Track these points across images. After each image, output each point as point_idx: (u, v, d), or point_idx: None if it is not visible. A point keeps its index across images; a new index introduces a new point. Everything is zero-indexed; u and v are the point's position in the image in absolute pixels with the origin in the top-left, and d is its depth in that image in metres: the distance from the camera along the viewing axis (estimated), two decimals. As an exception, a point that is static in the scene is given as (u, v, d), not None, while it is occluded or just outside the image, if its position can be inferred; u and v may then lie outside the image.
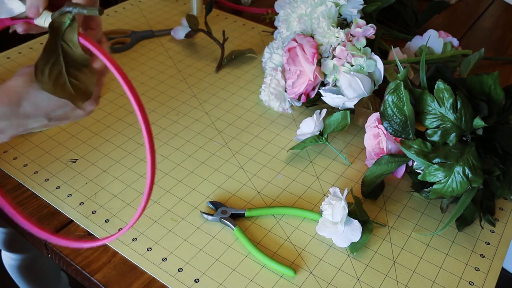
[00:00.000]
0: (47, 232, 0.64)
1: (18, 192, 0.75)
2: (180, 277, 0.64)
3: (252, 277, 0.64)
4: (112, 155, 0.82)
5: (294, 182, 0.78)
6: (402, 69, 0.72)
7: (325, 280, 0.64)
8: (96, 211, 0.72)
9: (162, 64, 1.05)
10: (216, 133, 0.87)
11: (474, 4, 1.39)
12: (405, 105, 0.69)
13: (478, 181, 0.64)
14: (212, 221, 0.71)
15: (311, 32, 0.90)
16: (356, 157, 0.84)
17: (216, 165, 0.81)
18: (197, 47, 1.12)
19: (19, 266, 1.17)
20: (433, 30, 0.98)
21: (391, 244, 0.69)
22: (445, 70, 0.75)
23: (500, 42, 1.21)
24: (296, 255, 0.67)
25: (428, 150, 0.68)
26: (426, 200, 0.76)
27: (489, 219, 0.71)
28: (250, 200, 0.75)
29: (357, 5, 0.91)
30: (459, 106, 0.67)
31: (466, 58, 0.94)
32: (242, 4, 1.30)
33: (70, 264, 0.66)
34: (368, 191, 0.75)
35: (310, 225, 0.71)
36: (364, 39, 0.84)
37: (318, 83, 0.88)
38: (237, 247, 0.68)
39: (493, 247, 0.70)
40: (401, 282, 0.65)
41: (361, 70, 0.83)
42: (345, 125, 0.82)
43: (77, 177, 0.77)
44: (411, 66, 0.91)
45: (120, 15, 1.23)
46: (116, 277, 0.64)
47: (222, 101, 0.95)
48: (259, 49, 1.10)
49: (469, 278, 0.65)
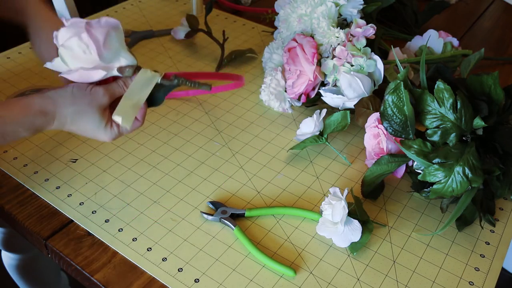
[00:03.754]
0: None
1: (18, 192, 0.75)
2: (180, 277, 0.64)
3: (252, 277, 0.64)
4: (112, 155, 0.82)
5: (294, 182, 0.78)
6: (402, 69, 0.72)
7: (325, 280, 0.64)
8: (96, 211, 0.72)
9: (162, 64, 1.05)
10: (216, 133, 0.87)
11: (474, 4, 1.39)
12: (405, 105, 0.69)
13: (478, 181, 0.64)
14: (212, 221, 0.71)
15: (311, 32, 0.90)
16: (356, 157, 0.84)
17: (216, 165, 0.81)
18: (197, 47, 1.12)
19: (19, 266, 1.17)
20: (433, 30, 0.98)
21: (391, 244, 0.69)
22: (445, 70, 0.75)
23: (500, 42, 1.21)
24: (296, 255, 0.67)
25: (428, 150, 0.68)
26: (426, 200, 0.76)
27: (489, 219, 0.71)
28: (250, 200, 0.75)
29: (357, 5, 0.91)
30: (459, 106, 0.67)
31: (466, 58, 0.94)
32: (242, 4, 1.30)
33: (70, 264, 0.66)
34: (368, 191, 0.75)
35: (310, 225, 0.71)
36: (364, 39, 0.84)
37: (318, 83, 0.88)
38: (237, 247, 0.68)
39: (493, 247, 0.70)
40: (401, 282, 0.65)
41: (361, 70, 0.83)
42: (345, 125, 0.82)
43: (77, 177, 0.77)
44: (411, 66, 0.91)
45: (120, 15, 1.23)
46: (116, 277, 0.64)
47: (222, 101, 0.95)
48: (259, 49, 1.10)
49: (469, 278, 0.65)
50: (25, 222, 0.70)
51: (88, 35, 0.57)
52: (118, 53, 0.59)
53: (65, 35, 0.58)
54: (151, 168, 0.79)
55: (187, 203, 0.74)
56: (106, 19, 0.59)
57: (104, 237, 0.68)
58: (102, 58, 0.58)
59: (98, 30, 0.57)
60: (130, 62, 0.60)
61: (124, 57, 0.59)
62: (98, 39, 0.57)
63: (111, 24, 0.59)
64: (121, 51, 0.59)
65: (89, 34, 0.57)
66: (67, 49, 0.58)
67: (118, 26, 0.59)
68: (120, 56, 0.59)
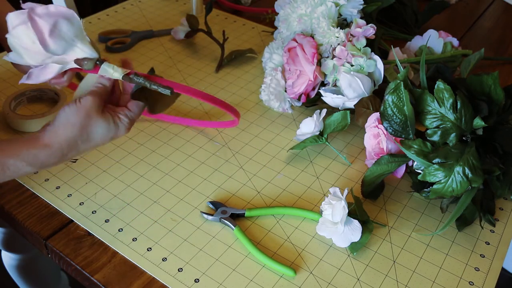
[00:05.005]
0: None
1: (18, 192, 0.75)
2: (180, 277, 0.64)
3: (252, 277, 0.64)
4: (112, 155, 0.82)
5: (294, 182, 0.78)
6: (402, 69, 0.72)
7: (325, 280, 0.64)
8: (96, 211, 0.72)
9: (162, 64, 1.05)
10: (216, 133, 0.87)
11: (474, 4, 1.39)
12: (405, 105, 0.69)
13: (478, 181, 0.64)
14: (212, 221, 0.71)
15: (311, 32, 0.90)
16: (356, 157, 0.84)
17: (216, 165, 0.81)
18: (197, 47, 1.12)
19: (19, 266, 1.17)
20: (433, 30, 0.98)
21: (391, 244, 0.69)
22: (445, 70, 0.75)
23: (500, 42, 1.21)
24: (296, 255, 0.67)
25: (428, 150, 0.68)
26: (426, 200, 0.76)
27: (489, 219, 0.71)
28: (250, 200, 0.75)
29: (357, 5, 0.91)
30: (459, 106, 0.67)
31: (466, 58, 0.94)
32: (242, 4, 1.30)
33: (70, 264, 0.66)
34: (368, 191, 0.75)
35: (310, 225, 0.71)
36: (364, 39, 0.84)
37: (318, 83, 0.88)
38: (237, 247, 0.68)
39: (493, 247, 0.70)
40: (401, 282, 0.65)
41: (361, 70, 0.83)
42: (345, 125, 0.82)
43: (77, 177, 0.77)
44: (411, 66, 0.91)
45: (120, 15, 1.23)
46: (116, 277, 0.64)
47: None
48: (259, 49, 1.10)
49: (469, 278, 0.65)
50: (25, 222, 0.70)
51: (31, 23, 0.52)
52: (72, 44, 0.55)
53: (14, 21, 0.53)
54: (151, 168, 0.79)
55: (187, 203, 0.74)
56: (56, 7, 0.54)
57: (104, 237, 0.68)
58: (48, 49, 0.53)
59: (43, 18, 0.53)
60: (88, 55, 0.56)
61: (80, 48, 0.55)
62: (42, 28, 0.52)
63: (61, 13, 0.54)
64: (77, 42, 0.55)
65: (32, 23, 0.52)
66: (15, 38, 0.53)
67: (70, 16, 0.55)
68: (76, 48, 0.55)
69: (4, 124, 0.85)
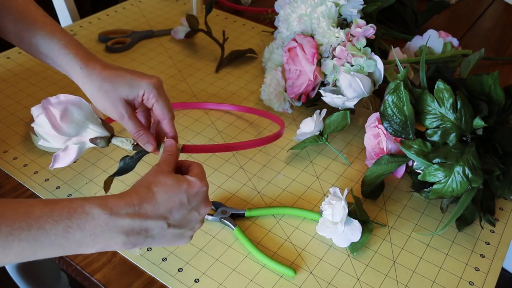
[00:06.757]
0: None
1: (18, 192, 0.75)
2: (180, 277, 0.64)
3: (252, 277, 0.64)
4: (112, 155, 0.82)
5: (294, 182, 0.78)
6: (402, 69, 0.72)
7: (325, 280, 0.65)
8: (96, 211, 0.72)
9: (162, 64, 1.05)
10: (216, 133, 0.87)
11: (474, 4, 1.39)
12: (405, 105, 0.69)
13: (478, 181, 0.64)
14: (212, 221, 0.71)
15: (311, 32, 0.90)
16: (356, 157, 0.84)
17: (216, 165, 0.81)
18: (197, 47, 1.12)
19: (19, 266, 1.17)
20: (433, 30, 0.98)
21: (391, 244, 0.69)
22: (445, 70, 0.76)
23: (500, 42, 1.21)
24: (296, 255, 0.67)
25: (428, 150, 0.68)
26: (426, 200, 0.76)
27: (489, 219, 0.71)
28: (250, 200, 0.75)
29: (357, 5, 0.91)
30: (459, 106, 0.67)
31: (466, 58, 0.94)
32: (242, 4, 1.30)
33: (70, 264, 0.66)
34: (368, 191, 0.75)
35: (310, 225, 0.71)
36: (364, 39, 0.84)
37: (318, 83, 0.88)
38: (237, 247, 0.68)
39: (493, 247, 0.70)
40: (401, 282, 0.65)
41: (361, 70, 0.83)
42: (345, 125, 0.82)
43: (77, 177, 0.77)
44: (411, 66, 0.91)
45: (120, 15, 1.23)
46: (116, 277, 0.64)
47: (222, 101, 0.95)
48: (259, 49, 1.10)
49: (469, 278, 0.65)
50: (25, 222, 0.70)
51: (45, 112, 0.59)
52: (84, 126, 0.62)
53: (35, 112, 0.61)
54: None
55: (187, 203, 0.74)
56: (66, 96, 0.61)
57: (104, 237, 0.68)
58: (61, 132, 0.60)
59: (54, 106, 0.60)
60: (99, 134, 0.63)
61: (92, 129, 0.62)
62: (54, 115, 0.59)
63: (70, 100, 0.61)
64: (89, 124, 0.62)
65: (46, 112, 0.59)
66: (39, 126, 0.61)
67: (79, 102, 0.61)
68: (88, 128, 0.62)
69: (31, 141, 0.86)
